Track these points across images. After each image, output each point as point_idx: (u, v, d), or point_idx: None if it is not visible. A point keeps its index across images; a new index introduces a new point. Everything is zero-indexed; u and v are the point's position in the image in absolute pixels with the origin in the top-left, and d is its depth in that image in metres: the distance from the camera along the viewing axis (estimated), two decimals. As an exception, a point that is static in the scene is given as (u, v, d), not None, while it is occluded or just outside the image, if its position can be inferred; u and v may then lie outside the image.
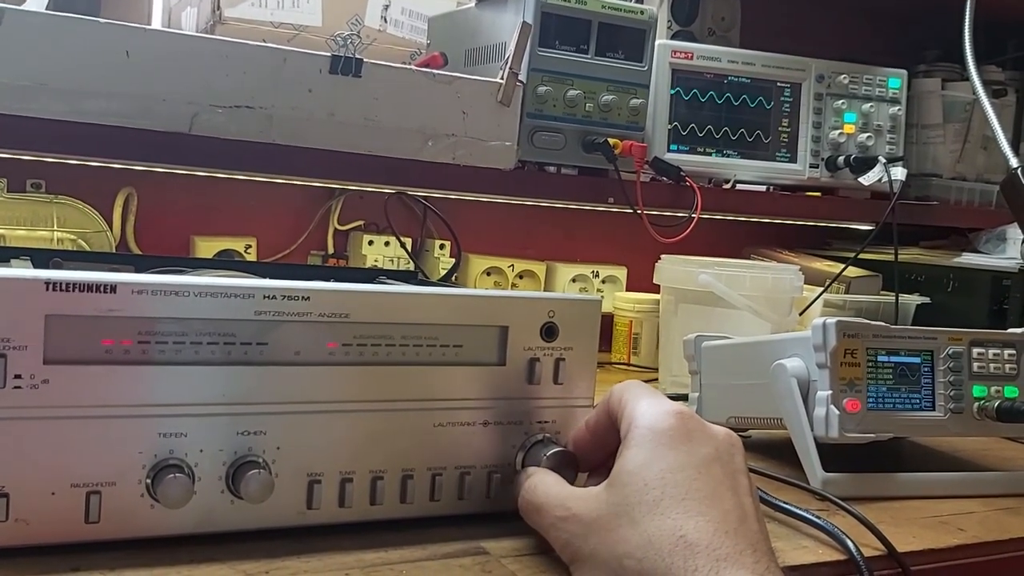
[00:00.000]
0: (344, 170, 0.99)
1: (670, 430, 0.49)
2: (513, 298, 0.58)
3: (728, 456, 0.50)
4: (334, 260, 1.25)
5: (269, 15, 1.12)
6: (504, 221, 1.35)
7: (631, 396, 0.53)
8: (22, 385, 0.46)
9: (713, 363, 0.85)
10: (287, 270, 0.93)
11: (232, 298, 0.50)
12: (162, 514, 0.49)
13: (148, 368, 0.49)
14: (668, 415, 0.50)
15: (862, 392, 0.70)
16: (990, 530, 0.66)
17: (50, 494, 0.47)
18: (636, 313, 1.27)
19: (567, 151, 1.09)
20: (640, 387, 0.54)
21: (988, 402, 0.72)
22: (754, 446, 0.85)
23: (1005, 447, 0.89)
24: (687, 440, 0.49)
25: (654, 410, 0.51)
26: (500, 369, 0.57)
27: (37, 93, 0.83)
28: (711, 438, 0.50)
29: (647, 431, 0.49)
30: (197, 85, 0.89)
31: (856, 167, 1.28)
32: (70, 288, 0.47)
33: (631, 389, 0.54)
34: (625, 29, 1.11)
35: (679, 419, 0.50)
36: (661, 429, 0.49)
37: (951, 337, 0.73)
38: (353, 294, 0.53)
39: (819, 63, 1.30)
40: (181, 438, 0.49)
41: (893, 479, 0.73)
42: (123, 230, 1.13)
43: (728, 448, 0.50)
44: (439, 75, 1.00)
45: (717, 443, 0.50)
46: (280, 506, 0.52)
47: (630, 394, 0.53)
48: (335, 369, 0.53)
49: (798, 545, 0.59)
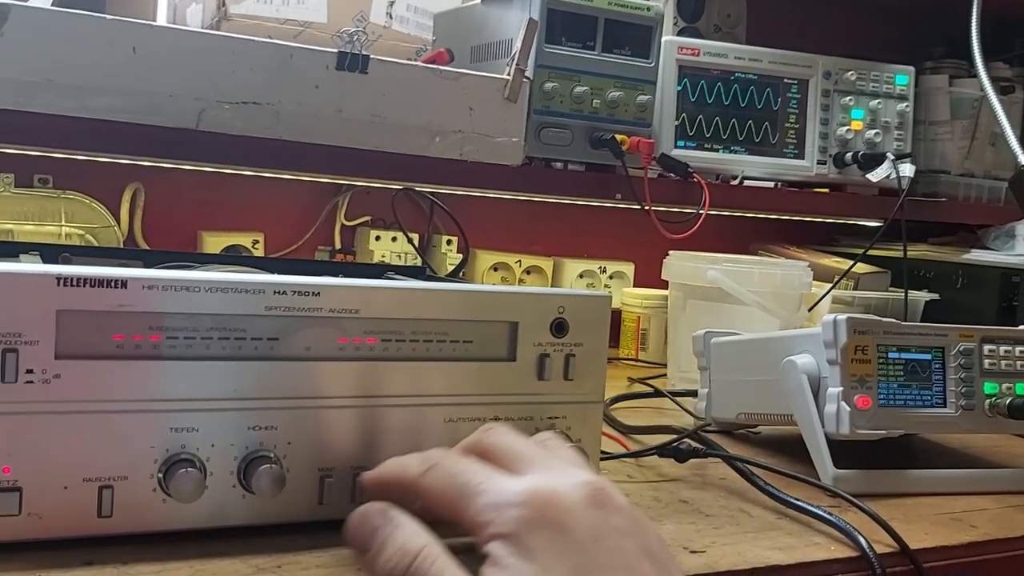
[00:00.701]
0: (351, 166, 0.99)
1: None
2: (523, 294, 0.58)
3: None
4: (341, 256, 1.25)
5: (274, 11, 1.12)
6: (511, 217, 1.35)
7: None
8: (34, 380, 0.46)
9: (723, 359, 0.85)
10: (295, 266, 0.93)
11: (243, 293, 0.50)
12: (174, 508, 0.49)
13: (159, 363, 0.49)
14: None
15: (873, 389, 0.69)
16: (1002, 527, 0.66)
17: (63, 488, 0.47)
18: (644, 309, 1.26)
19: (574, 147, 1.09)
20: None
21: (999, 399, 0.72)
22: (764, 442, 0.85)
23: (1016, 444, 0.89)
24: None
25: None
26: (510, 365, 0.57)
27: (44, 89, 0.83)
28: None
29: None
30: (204, 81, 0.89)
31: (864, 163, 1.28)
32: (81, 283, 0.47)
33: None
34: (631, 25, 1.10)
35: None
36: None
37: (962, 334, 0.73)
38: (364, 290, 0.53)
39: (826, 60, 1.29)
40: (192, 433, 0.49)
41: (904, 476, 0.72)
42: (130, 225, 1.13)
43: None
44: (446, 71, 1.00)
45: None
46: (291, 501, 0.52)
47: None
48: (345, 364, 0.53)
49: (810, 542, 0.59)
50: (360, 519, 0.43)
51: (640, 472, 0.72)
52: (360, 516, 0.43)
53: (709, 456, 0.71)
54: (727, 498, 0.67)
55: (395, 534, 0.41)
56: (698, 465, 0.74)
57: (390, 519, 0.42)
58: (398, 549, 0.40)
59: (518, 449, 0.44)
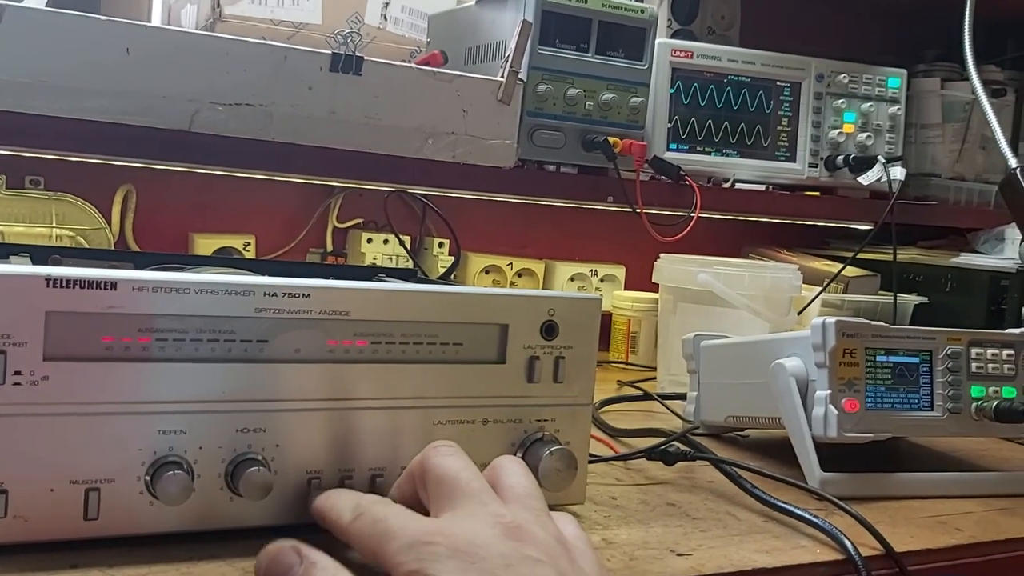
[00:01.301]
0: (344, 168, 0.99)
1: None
2: (513, 296, 0.58)
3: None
4: (333, 258, 1.25)
5: (269, 13, 1.12)
6: (503, 219, 1.35)
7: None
8: (22, 382, 0.46)
9: (712, 362, 0.85)
10: (286, 267, 0.93)
11: (232, 295, 0.50)
12: (161, 511, 0.49)
13: (148, 365, 0.49)
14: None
15: (861, 392, 0.70)
16: (987, 530, 0.66)
17: (49, 491, 0.47)
18: (635, 312, 1.27)
19: (567, 150, 1.09)
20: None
21: (986, 402, 0.73)
22: (752, 446, 0.85)
23: (1003, 447, 0.89)
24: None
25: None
26: (500, 367, 0.57)
27: (37, 90, 0.83)
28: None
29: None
30: (197, 83, 0.89)
31: (855, 167, 1.28)
32: (70, 285, 0.47)
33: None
34: (625, 28, 1.11)
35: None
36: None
37: (950, 337, 0.73)
38: (353, 292, 0.53)
39: (819, 62, 1.30)
40: (180, 435, 0.50)
41: (891, 479, 0.73)
42: (122, 227, 1.13)
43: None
44: (439, 73, 1.00)
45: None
46: (279, 504, 0.52)
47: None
48: (335, 367, 0.53)
49: (796, 545, 0.60)
50: (272, 559, 0.42)
51: (628, 475, 0.73)
52: (271, 555, 0.43)
53: (697, 459, 0.72)
54: (714, 501, 0.68)
55: (312, 571, 0.41)
56: (686, 468, 0.74)
57: (305, 556, 0.42)
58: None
59: (451, 477, 0.45)
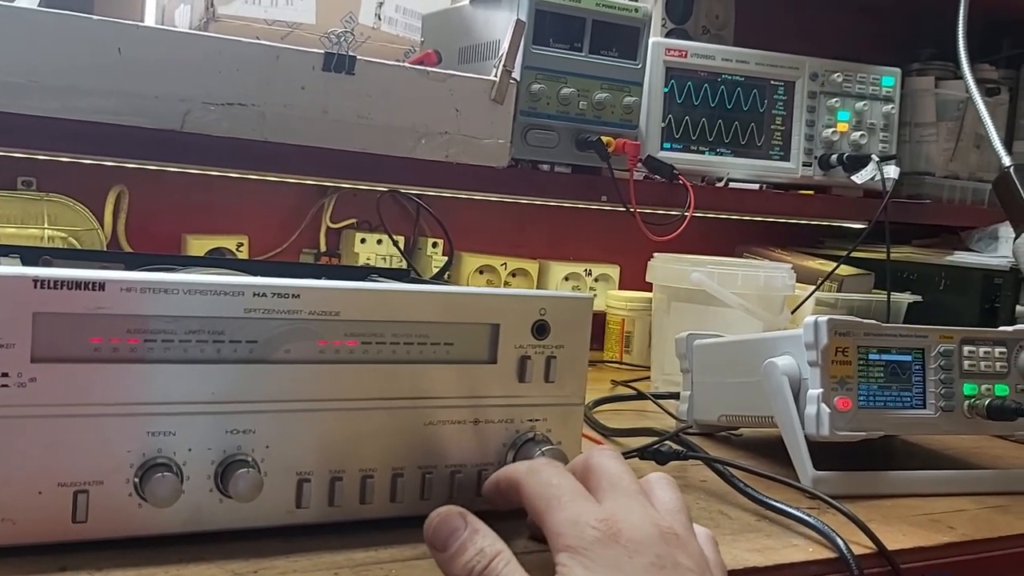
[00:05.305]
0: (337, 168, 0.99)
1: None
2: (504, 296, 0.58)
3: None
4: (326, 258, 1.25)
5: (263, 12, 1.11)
6: (497, 219, 1.35)
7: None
8: (9, 383, 0.46)
9: (705, 361, 0.85)
10: (278, 268, 0.93)
11: (222, 296, 0.50)
12: (150, 513, 0.49)
13: (136, 366, 0.49)
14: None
15: (853, 390, 0.70)
16: (980, 528, 0.66)
17: (37, 493, 0.47)
18: (628, 311, 1.27)
19: (560, 149, 1.09)
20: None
21: (978, 400, 0.73)
22: (745, 444, 0.85)
23: (995, 445, 0.89)
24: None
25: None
26: (491, 367, 0.57)
27: (29, 90, 0.83)
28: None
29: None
30: (190, 82, 0.89)
31: (849, 165, 1.28)
32: (58, 286, 0.47)
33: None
34: (619, 27, 1.11)
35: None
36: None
37: (942, 335, 0.73)
38: (343, 292, 0.53)
39: (813, 61, 1.30)
40: (169, 437, 0.49)
41: (884, 477, 0.73)
42: (114, 228, 1.13)
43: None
44: (433, 73, 1.00)
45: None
46: (269, 505, 0.52)
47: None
48: (325, 367, 0.53)
49: (788, 543, 0.60)
50: (441, 520, 0.47)
51: (622, 474, 0.73)
52: (441, 517, 0.47)
53: (690, 458, 0.72)
54: (707, 500, 0.68)
55: (474, 537, 0.45)
56: (679, 467, 0.74)
57: (469, 523, 0.46)
58: (477, 551, 0.44)
59: (615, 474, 0.48)
